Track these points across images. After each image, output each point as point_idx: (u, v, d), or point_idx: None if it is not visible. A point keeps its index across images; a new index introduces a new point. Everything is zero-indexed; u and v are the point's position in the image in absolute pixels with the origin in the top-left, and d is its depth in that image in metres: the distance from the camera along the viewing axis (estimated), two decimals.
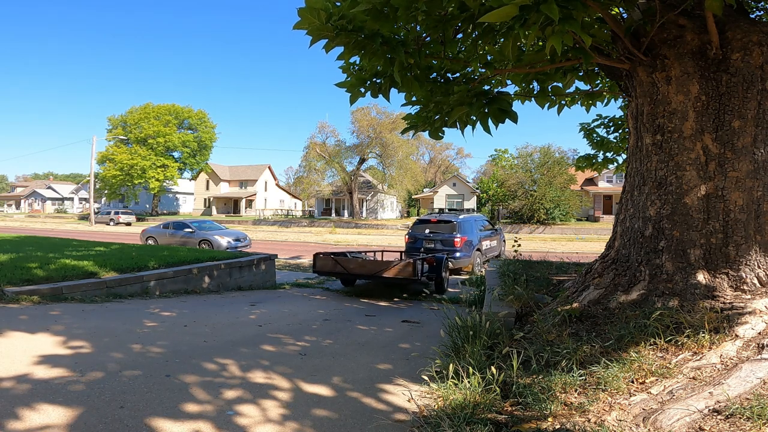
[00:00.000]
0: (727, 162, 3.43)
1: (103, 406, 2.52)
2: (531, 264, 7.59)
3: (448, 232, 12.24)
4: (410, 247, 12.29)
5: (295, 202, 59.67)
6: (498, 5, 2.50)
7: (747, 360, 2.57)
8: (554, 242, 25.50)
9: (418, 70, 3.71)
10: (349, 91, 3.86)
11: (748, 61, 3.44)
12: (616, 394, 2.43)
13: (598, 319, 3.37)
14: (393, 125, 39.00)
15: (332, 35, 3.13)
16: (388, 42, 3.24)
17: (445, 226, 12.37)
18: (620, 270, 3.72)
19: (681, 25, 3.58)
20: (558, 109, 5.27)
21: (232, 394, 2.79)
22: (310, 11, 3.04)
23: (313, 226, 37.35)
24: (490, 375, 2.69)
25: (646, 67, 3.74)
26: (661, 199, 3.62)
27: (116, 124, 47.44)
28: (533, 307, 4.03)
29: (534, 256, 9.01)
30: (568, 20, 2.59)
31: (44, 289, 5.47)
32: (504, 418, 2.37)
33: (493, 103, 3.84)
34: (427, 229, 12.53)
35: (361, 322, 5.33)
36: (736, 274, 3.28)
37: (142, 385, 2.84)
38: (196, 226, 17.59)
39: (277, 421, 2.49)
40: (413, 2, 3.01)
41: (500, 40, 3.62)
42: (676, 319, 3.00)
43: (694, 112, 3.53)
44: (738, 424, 2.04)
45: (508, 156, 46.90)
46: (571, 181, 36.77)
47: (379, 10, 3.07)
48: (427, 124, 4.47)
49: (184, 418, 2.45)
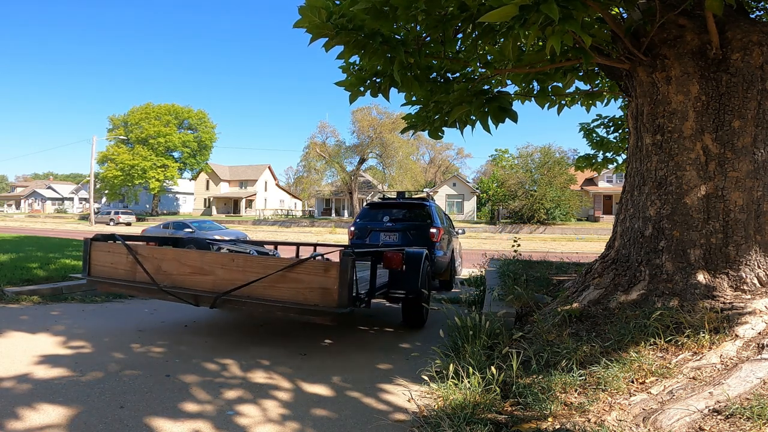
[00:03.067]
0: (727, 162, 3.43)
1: (103, 406, 2.52)
2: (531, 264, 7.59)
3: (420, 219, 7.97)
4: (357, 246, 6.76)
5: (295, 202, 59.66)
6: (498, 5, 2.50)
7: (747, 360, 2.57)
8: (554, 242, 25.51)
9: (418, 70, 3.71)
10: (349, 90, 3.86)
11: (748, 61, 3.44)
12: (616, 394, 2.43)
13: (598, 319, 3.37)
14: (393, 125, 39.00)
15: (332, 34, 3.14)
16: (388, 41, 3.25)
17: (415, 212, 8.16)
18: (620, 270, 3.72)
19: (681, 25, 3.58)
20: (558, 109, 5.27)
21: (233, 394, 2.80)
22: (311, 9, 3.04)
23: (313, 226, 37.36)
24: (490, 375, 2.69)
25: (646, 67, 3.74)
26: (661, 199, 3.62)
27: (117, 124, 47.51)
28: (533, 307, 4.03)
29: (534, 256, 9.01)
30: (568, 20, 2.59)
31: (44, 289, 5.48)
32: (504, 418, 2.37)
33: (493, 101, 3.84)
34: (386, 216, 8.08)
35: (361, 322, 5.32)
36: (736, 274, 3.28)
37: (143, 385, 2.84)
38: (196, 226, 17.62)
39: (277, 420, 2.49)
40: (413, 2, 3.01)
41: (500, 40, 3.63)
42: (676, 319, 3.00)
43: (694, 112, 3.53)
44: (738, 424, 2.04)
45: (509, 156, 46.88)
46: (571, 181, 36.78)
47: (378, 9, 3.07)
48: (427, 124, 4.47)
49: (184, 418, 2.45)
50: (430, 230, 7.72)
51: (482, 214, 43.04)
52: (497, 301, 4.48)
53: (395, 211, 8.28)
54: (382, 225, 8.03)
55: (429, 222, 7.90)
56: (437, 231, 7.75)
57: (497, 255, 9.79)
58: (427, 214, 8.05)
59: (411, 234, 7.83)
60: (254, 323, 4.78)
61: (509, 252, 8.63)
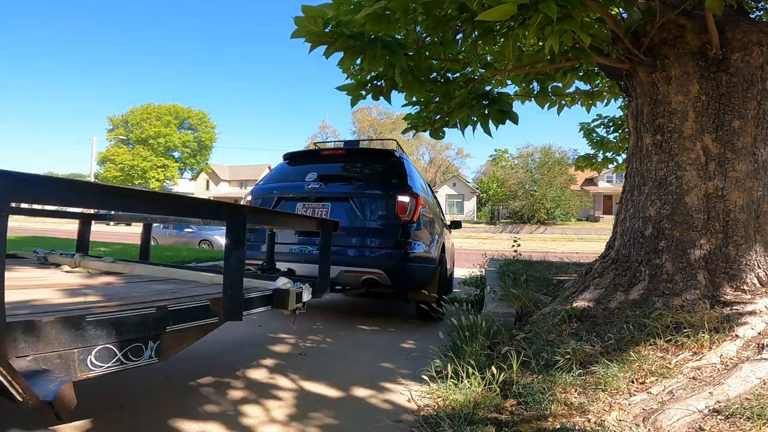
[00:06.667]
0: (727, 162, 3.43)
1: (102, 405, 2.52)
2: (531, 264, 7.59)
3: (380, 180, 4.65)
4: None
5: None
6: (497, 4, 2.51)
7: (747, 360, 2.57)
8: (554, 242, 25.52)
9: (419, 72, 3.72)
10: (350, 94, 3.87)
11: (748, 61, 3.44)
12: (616, 394, 2.43)
13: (598, 319, 3.37)
14: (393, 125, 39.10)
15: (331, 41, 3.14)
16: (387, 45, 3.25)
17: (371, 169, 4.84)
18: (620, 270, 3.72)
19: (681, 25, 3.59)
20: (558, 109, 5.28)
21: (235, 395, 2.80)
22: (307, 19, 3.05)
23: None
24: (490, 375, 2.70)
25: (646, 67, 3.75)
26: (661, 199, 3.62)
27: (117, 124, 47.63)
28: (533, 307, 4.03)
29: (534, 256, 9.01)
30: (567, 19, 2.59)
31: None
32: (504, 417, 2.37)
33: (494, 104, 3.85)
34: (312, 174, 4.66)
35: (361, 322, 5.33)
36: (736, 274, 3.28)
37: (143, 385, 2.85)
38: (197, 225, 17.60)
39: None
40: (411, 4, 3.02)
41: (500, 41, 3.63)
42: (676, 319, 3.01)
43: (694, 112, 3.54)
44: (738, 424, 2.04)
45: (509, 156, 46.91)
46: (571, 181, 36.85)
47: (379, 14, 3.08)
48: (428, 125, 4.48)
49: (187, 418, 2.45)
50: (398, 198, 4.22)
51: (482, 214, 43.05)
52: (497, 301, 4.48)
53: (332, 167, 4.80)
54: (302, 189, 4.53)
55: (397, 183, 4.40)
56: (412, 200, 4.27)
57: (497, 255, 9.79)
58: (393, 172, 4.56)
59: (360, 205, 4.32)
60: (254, 323, 4.78)
61: (509, 252, 8.62)
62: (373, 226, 4.34)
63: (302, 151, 5.51)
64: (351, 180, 4.72)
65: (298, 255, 4.42)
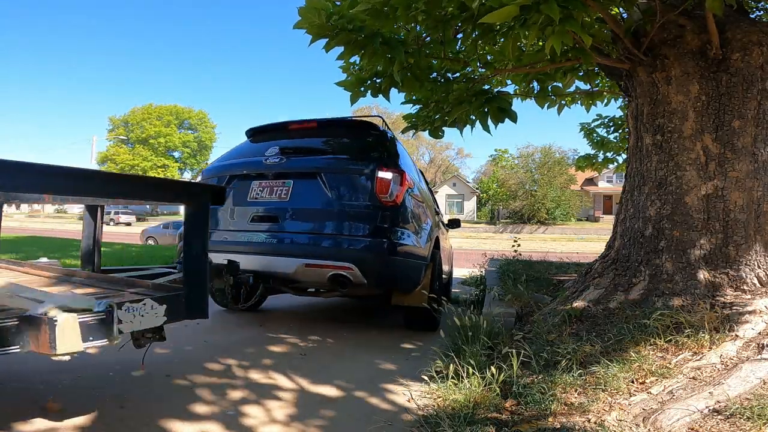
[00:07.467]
0: (727, 162, 3.43)
1: (102, 405, 2.52)
2: (531, 264, 7.59)
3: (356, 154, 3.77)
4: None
5: None
6: (499, 5, 2.51)
7: (747, 360, 2.57)
8: (554, 242, 25.53)
9: (419, 70, 3.71)
10: (349, 91, 3.86)
11: (748, 61, 3.44)
12: (616, 394, 2.43)
13: (598, 319, 3.37)
14: (393, 125, 39.03)
15: (332, 35, 3.15)
16: (388, 42, 3.25)
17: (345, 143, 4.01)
18: (620, 270, 3.72)
19: (681, 25, 3.59)
20: (558, 109, 5.28)
21: (236, 395, 2.80)
22: (310, 10, 3.06)
23: None
24: (490, 375, 2.69)
25: (646, 67, 3.75)
26: (661, 199, 3.62)
27: (117, 124, 47.66)
28: (533, 307, 4.03)
29: (534, 256, 9.01)
30: (568, 20, 2.59)
31: None
32: (504, 417, 2.38)
33: (493, 102, 3.85)
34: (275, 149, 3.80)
35: (361, 322, 5.33)
36: (736, 274, 3.28)
37: (143, 385, 2.84)
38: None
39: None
40: (413, 2, 3.02)
41: (500, 41, 3.63)
42: (676, 319, 3.01)
43: (694, 112, 3.54)
44: (738, 424, 2.04)
45: (509, 156, 46.90)
46: (571, 181, 36.88)
47: (379, 9, 3.08)
48: (427, 123, 4.48)
49: (188, 418, 2.45)
50: (378, 174, 3.51)
51: (482, 214, 43.05)
52: (497, 301, 4.48)
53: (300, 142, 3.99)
54: (260, 165, 3.84)
55: (377, 157, 3.67)
56: (395, 176, 3.55)
57: (497, 255, 9.78)
58: (374, 146, 3.88)
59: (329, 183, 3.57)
60: (254, 323, 4.78)
61: (509, 252, 8.62)
62: (345, 208, 3.49)
63: (267, 125, 4.48)
64: (320, 153, 3.87)
65: (247, 244, 3.61)
